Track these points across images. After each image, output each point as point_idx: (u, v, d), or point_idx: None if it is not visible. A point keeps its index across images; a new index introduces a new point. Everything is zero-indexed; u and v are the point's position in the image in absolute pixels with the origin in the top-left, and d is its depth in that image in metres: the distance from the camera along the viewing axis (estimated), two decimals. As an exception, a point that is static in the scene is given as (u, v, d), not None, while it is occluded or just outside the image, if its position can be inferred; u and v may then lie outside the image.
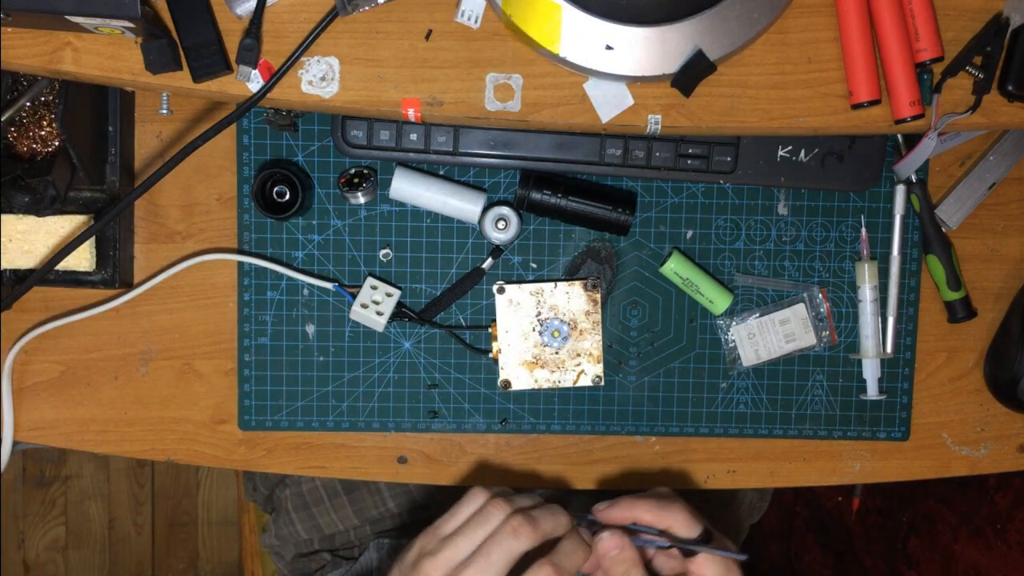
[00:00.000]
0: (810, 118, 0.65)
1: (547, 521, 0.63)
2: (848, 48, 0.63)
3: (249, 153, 0.78)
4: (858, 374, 0.81)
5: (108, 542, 1.77)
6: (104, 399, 0.80)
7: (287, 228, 0.79)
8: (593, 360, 0.79)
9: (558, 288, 0.78)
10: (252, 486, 1.00)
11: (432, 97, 0.64)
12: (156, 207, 0.79)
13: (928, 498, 1.14)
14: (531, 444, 0.82)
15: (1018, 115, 0.66)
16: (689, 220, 0.80)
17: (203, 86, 0.63)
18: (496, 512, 0.63)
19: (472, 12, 0.63)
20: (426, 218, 0.79)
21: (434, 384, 0.81)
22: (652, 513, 0.66)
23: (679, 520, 0.66)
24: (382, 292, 0.78)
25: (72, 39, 0.62)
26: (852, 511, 1.29)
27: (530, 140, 0.74)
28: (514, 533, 0.62)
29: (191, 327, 0.80)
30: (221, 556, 1.78)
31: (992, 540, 1.02)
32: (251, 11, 0.62)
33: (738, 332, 0.80)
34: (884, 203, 0.80)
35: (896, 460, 0.83)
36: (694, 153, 0.75)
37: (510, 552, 0.62)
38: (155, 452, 0.81)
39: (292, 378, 0.80)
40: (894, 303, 0.80)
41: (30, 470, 1.75)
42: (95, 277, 0.75)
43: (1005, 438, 0.83)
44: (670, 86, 0.64)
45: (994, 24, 0.64)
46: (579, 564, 0.64)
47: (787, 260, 0.80)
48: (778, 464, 0.82)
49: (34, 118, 0.72)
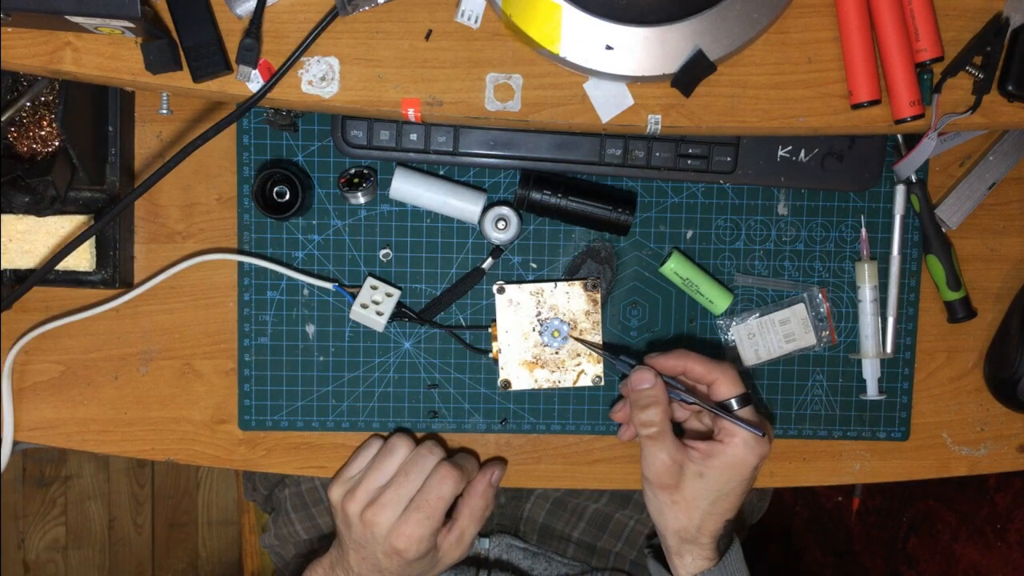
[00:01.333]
0: (810, 118, 0.65)
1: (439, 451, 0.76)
2: (848, 48, 0.63)
3: (249, 153, 0.78)
4: (858, 374, 0.81)
5: (108, 542, 1.77)
6: (104, 399, 0.80)
7: (287, 228, 0.79)
8: (593, 360, 0.79)
9: (558, 288, 0.78)
10: (252, 486, 1.01)
11: (432, 97, 0.64)
12: (156, 207, 0.79)
13: (928, 498, 1.14)
14: (531, 444, 0.82)
15: (1018, 115, 0.66)
16: (689, 220, 0.80)
17: (203, 86, 0.63)
18: (399, 443, 0.76)
19: (472, 12, 0.63)
20: (426, 218, 0.79)
21: (434, 384, 0.81)
22: (702, 365, 0.71)
23: (726, 377, 0.71)
24: (382, 292, 0.78)
25: (72, 39, 0.62)
26: (852, 511, 1.29)
27: (530, 140, 0.74)
28: (430, 451, 0.75)
29: (191, 327, 0.80)
30: (221, 556, 1.78)
31: (992, 540, 1.02)
32: (251, 11, 0.62)
33: (738, 332, 0.80)
34: (884, 203, 0.80)
35: (896, 460, 0.83)
36: (694, 153, 0.75)
37: (426, 470, 0.74)
38: (155, 452, 0.81)
39: (292, 378, 0.80)
40: (894, 303, 0.80)
41: (30, 470, 1.75)
42: (95, 277, 0.75)
43: (1005, 438, 0.83)
44: (670, 86, 0.64)
45: (994, 24, 0.64)
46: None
47: (787, 260, 0.80)
48: (778, 464, 0.82)
49: (34, 118, 0.72)
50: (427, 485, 0.73)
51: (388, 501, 0.72)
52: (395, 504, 0.72)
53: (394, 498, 0.72)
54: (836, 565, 1.33)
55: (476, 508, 0.76)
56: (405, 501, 0.72)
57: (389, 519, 0.72)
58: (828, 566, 1.35)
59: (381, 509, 0.72)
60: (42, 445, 0.81)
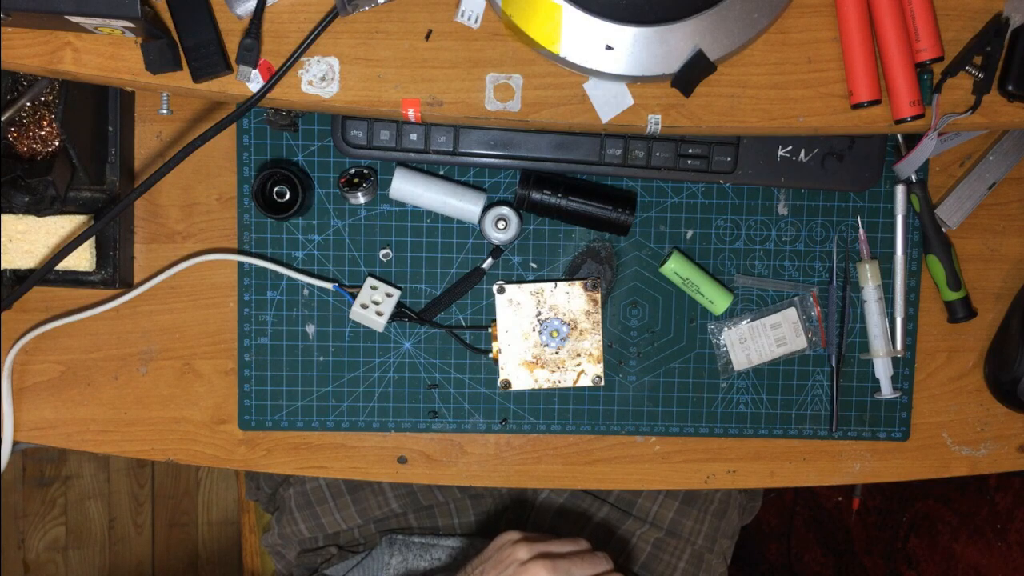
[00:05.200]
0: (810, 118, 0.65)
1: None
2: (848, 48, 0.63)
3: (249, 153, 0.78)
4: (859, 374, 0.81)
5: (108, 542, 1.77)
6: (104, 399, 0.80)
7: (287, 228, 0.79)
8: (593, 360, 0.79)
9: (558, 288, 0.78)
10: (255, 485, 1.00)
11: (432, 97, 0.64)
12: (156, 207, 0.79)
13: (928, 498, 1.14)
14: (531, 444, 0.82)
15: (1018, 115, 0.66)
16: (689, 220, 0.80)
17: (203, 86, 0.63)
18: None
19: (472, 12, 0.63)
20: (426, 218, 0.79)
21: (434, 384, 0.81)
22: None
23: None
24: (382, 292, 0.78)
25: (72, 39, 0.62)
26: (852, 511, 1.29)
27: (530, 140, 0.74)
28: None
29: (191, 327, 0.80)
30: (221, 556, 1.78)
31: (992, 540, 1.02)
32: (251, 11, 0.62)
33: (729, 337, 0.80)
34: (884, 203, 0.80)
35: (896, 460, 0.83)
36: (694, 153, 0.75)
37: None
38: (155, 452, 0.81)
39: (292, 378, 0.80)
40: (901, 302, 0.80)
41: (30, 470, 1.75)
42: (95, 277, 0.75)
43: (1005, 438, 0.83)
44: (670, 86, 0.64)
45: (994, 24, 0.64)
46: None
47: (787, 260, 0.80)
48: (778, 464, 0.82)
49: (34, 118, 0.72)
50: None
51: (555, 567, 0.70)
52: (558, 570, 0.70)
53: (561, 567, 0.70)
54: (836, 565, 1.33)
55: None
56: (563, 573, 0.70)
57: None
58: (828, 566, 1.35)
59: (545, 567, 0.70)
60: (42, 445, 0.81)
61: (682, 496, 0.89)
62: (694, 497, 0.90)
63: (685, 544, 0.90)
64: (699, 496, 0.90)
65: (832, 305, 0.80)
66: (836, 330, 0.80)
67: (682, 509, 0.89)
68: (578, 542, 0.73)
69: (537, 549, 0.70)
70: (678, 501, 0.89)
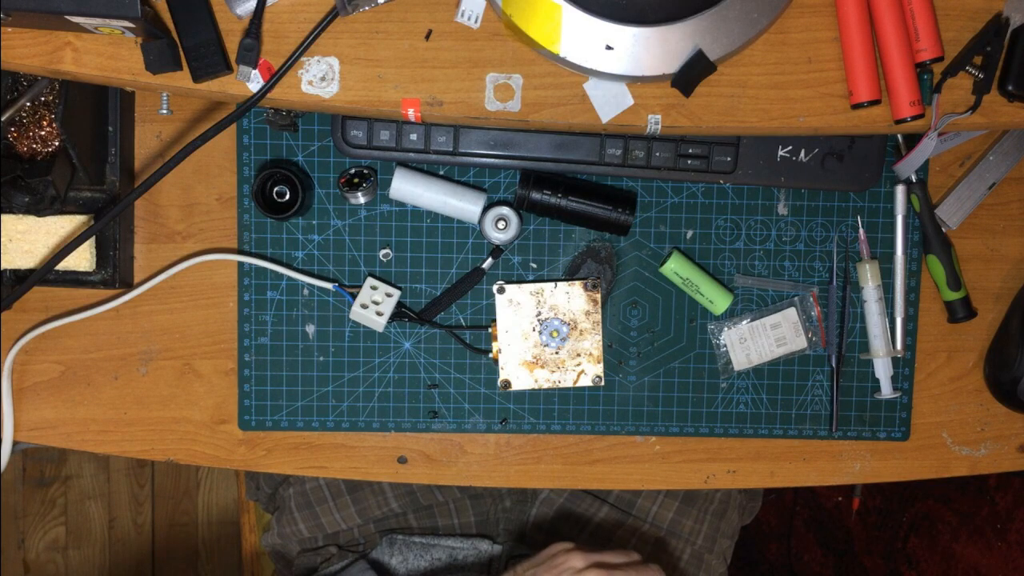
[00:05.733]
0: (810, 118, 0.65)
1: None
2: (848, 48, 0.63)
3: (249, 153, 0.78)
4: (859, 374, 0.81)
5: (108, 542, 1.77)
6: (104, 399, 0.80)
7: (287, 228, 0.79)
8: (593, 360, 0.79)
9: (558, 288, 0.78)
10: (255, 485, 1.00)
11: (432, 97, 0.64)
12: (156, 207, 0.79)
13: (928, 498, 1.14)
14: (531, 444, 0.82)
15: (1018, 115, 0.66)
16: (689, 220, 0.80)
17: (203, 86, 0.63)
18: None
19: (472, 12, 0.63)
20: (426, 218, 0.79)
21: (434, 384, 0.81)
22: None
23: None
24: (382, 292, 0.78)
25: (72, 39, 0.62)
26: (852, 511, 1.29)
27: (530, 140, 0.74)
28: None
29: (191, 327, 0.80)
30: (221, 556, 1.78)
31: (992, 540, 1.02)
32: (251, 11, 0.62)
33: (729, 337, 0.80)
34: (884, 203, 0.80)
35: (896, 460, 0.83)
36: (694, 153, 0.75)
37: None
38: (155, 452, 0.81)
39: (292, 378, 0.80)
40: (901, 302, 0.80)
41: (30, 470, 1.75)
42: (95, 277, 0.75)
43: (1005, 438, 0.83)
44: (670, 86, 0.64)
45: (994, 24, 0.64)
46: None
47: (787, 260, 0.80)
48: (778, 464, 0.82)
49: (34, 118, 0.72)
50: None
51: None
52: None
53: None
54: (836, 565, 1.33)
55: None
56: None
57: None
58: (828, 566, 1.35)
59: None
60: (42, 445, 0.81)
61: (682, 496, 0.89)
62: (694, 497, 0.90)
63: (685, 544, 0.90)
64: (699, 496, 0.90)
65: (832, 305, 0.80)
66: (836, 330, 0.80)
67: (682, 509, 0.89)
68: (630, 554, 0.74)
69: (592, 559, 0.72)
70: (678, 501, 0.89)
